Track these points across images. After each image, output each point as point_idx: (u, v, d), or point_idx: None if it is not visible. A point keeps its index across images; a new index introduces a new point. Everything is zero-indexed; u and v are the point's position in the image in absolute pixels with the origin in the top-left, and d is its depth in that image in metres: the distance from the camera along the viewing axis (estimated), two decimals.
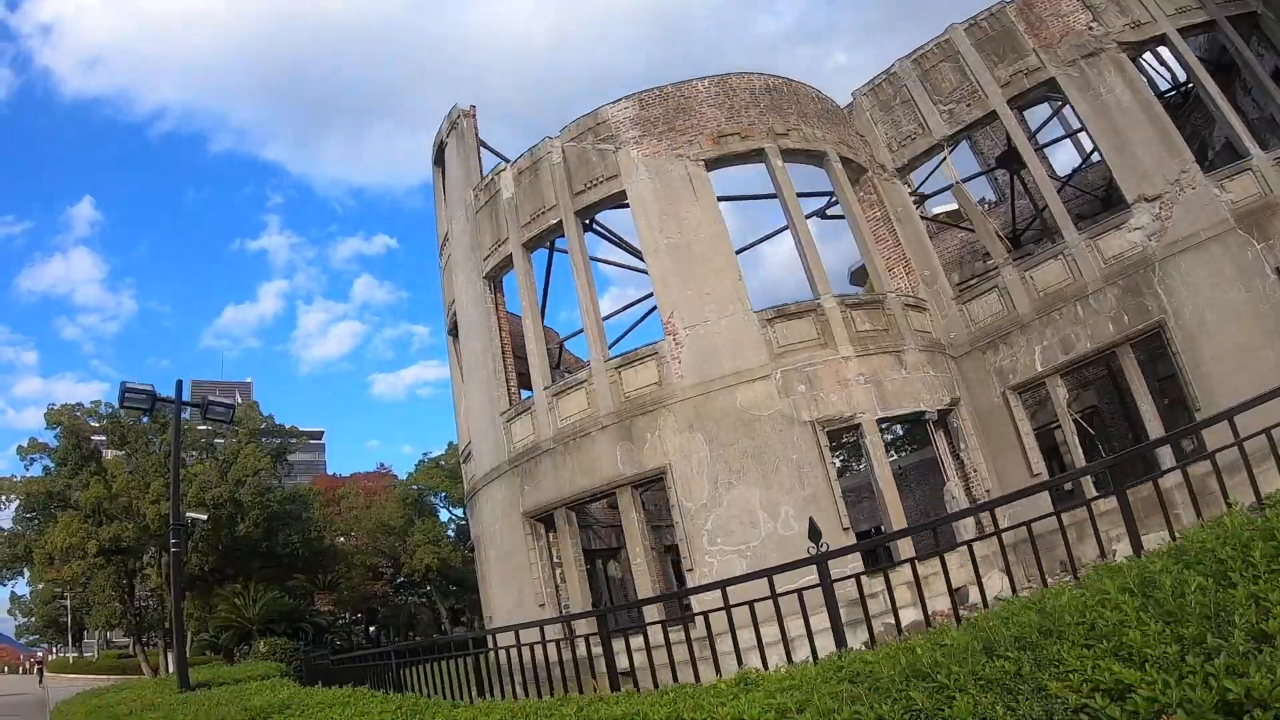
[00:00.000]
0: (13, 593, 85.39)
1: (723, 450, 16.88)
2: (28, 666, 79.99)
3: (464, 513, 52.41)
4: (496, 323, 20.65)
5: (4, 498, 40.40)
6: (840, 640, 7.45)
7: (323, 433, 47.82)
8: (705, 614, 8.89)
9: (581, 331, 26.63)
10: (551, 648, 10.85)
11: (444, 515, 56.76)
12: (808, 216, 24.58)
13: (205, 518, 18.30)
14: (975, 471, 18.86)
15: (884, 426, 18.95)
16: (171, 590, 14.51)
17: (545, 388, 18.92)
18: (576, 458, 17.96)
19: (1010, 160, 25.05)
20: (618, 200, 19.50)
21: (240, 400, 43.16)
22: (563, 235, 20.04)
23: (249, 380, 47.09)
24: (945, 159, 22.33)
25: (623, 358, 18.24)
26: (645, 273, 25.30)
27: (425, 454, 57.22)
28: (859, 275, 32.42)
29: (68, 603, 73.49)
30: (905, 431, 37.64)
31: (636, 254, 24.83)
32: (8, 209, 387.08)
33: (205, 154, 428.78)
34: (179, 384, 15.64)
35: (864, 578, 8.06)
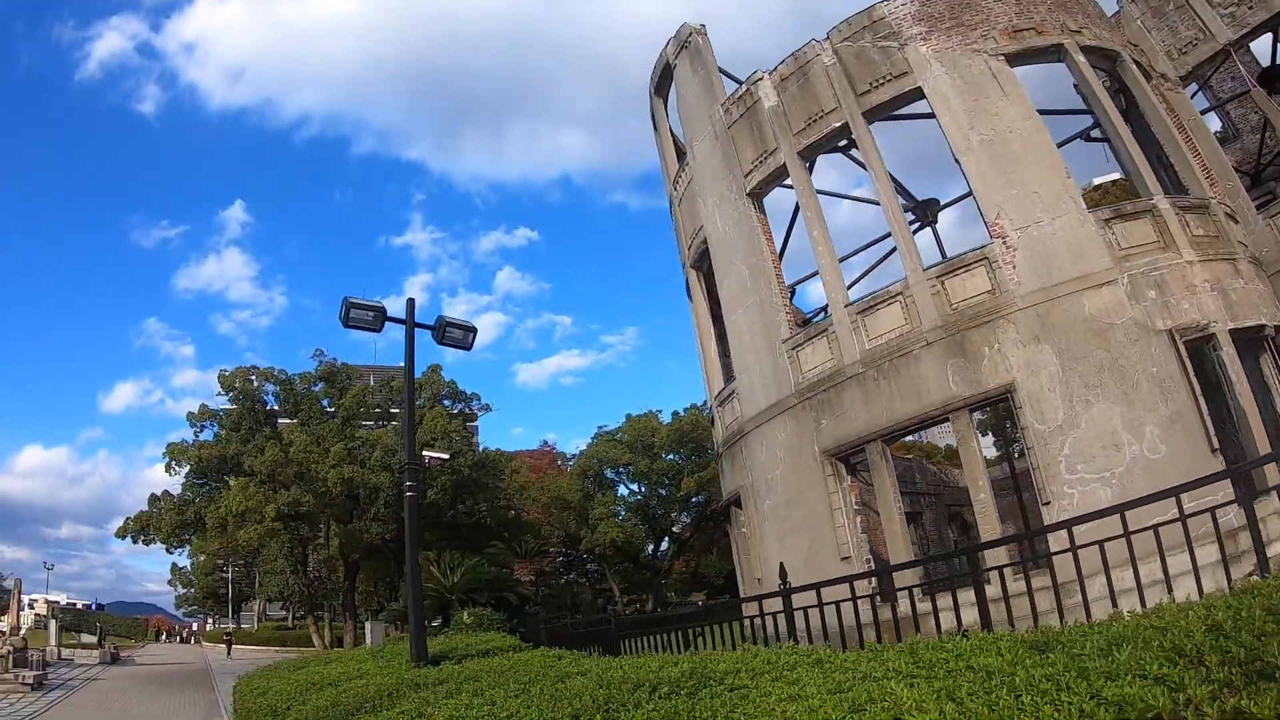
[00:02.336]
0: (174, 564, 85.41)
1: (1075, 364, 13.86)
2: (184, 636, 78.92)
3: (639, 487, 48.98)
4: (765, 242, 17.34)
5: (175, 464, 37.12)
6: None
7: (482, 409, 43.41)
8: (1050, 555, 7.82)
9: (811, 277, 23.01)
10: (864, 608, 9.10)
11: (621, 490, 53.42)
12: (1070, 140, 20.97)
13: (447, 456, 14.71)
14: None
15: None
16: (407, 541, 11.78)
17: (846, 305, 15.42)
18: (893, 382, 14.67)
19: (1273, 79, 20.88)
20: (910, 99, 16.88)
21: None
22: (845, 139, 16.80)
23: (400, 365, 44.04)
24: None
25: (945, 265, 15.44)
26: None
27: (600, 427, 53.64)
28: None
29: (229, 574, 71.64)
30: None
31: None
32: (163, 214, 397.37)
33: (349, 156, 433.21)
34: (410, 303, 12.34)
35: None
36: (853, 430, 15.24)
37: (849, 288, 17.65)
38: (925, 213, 22.49)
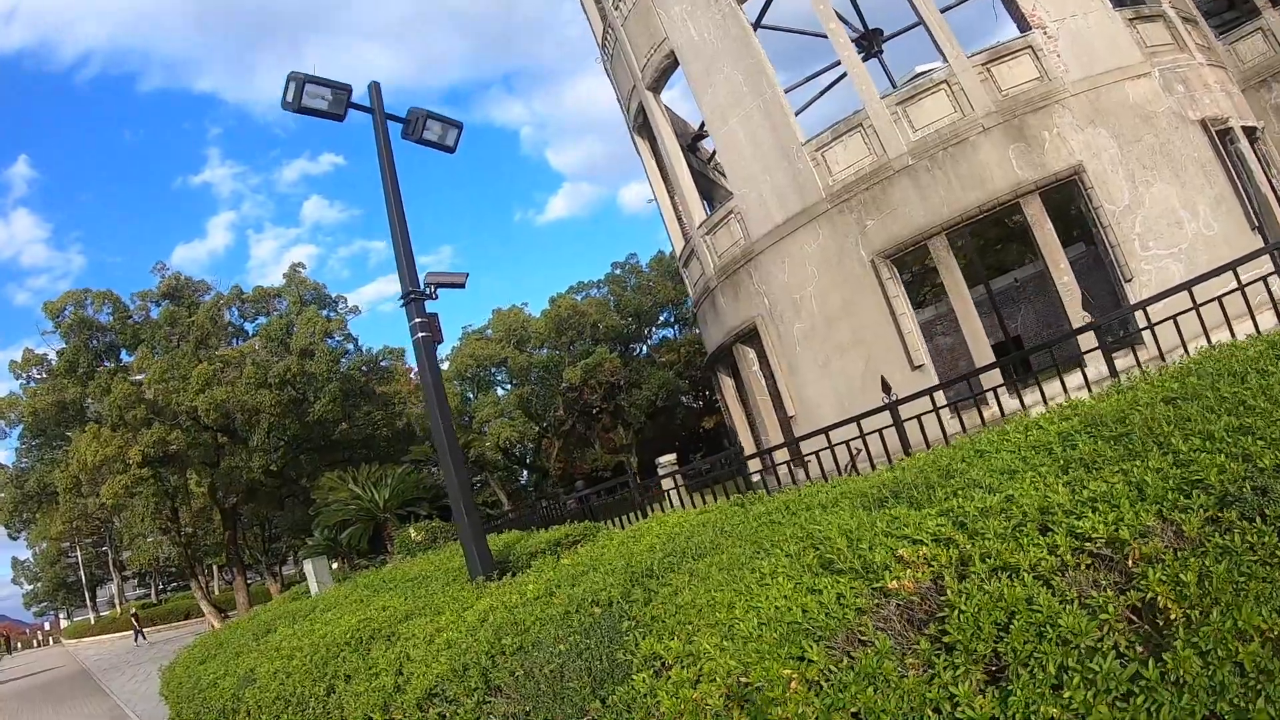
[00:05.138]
0: (14, 558, 78.29)
1: (1131, 147, 13.47)
2: (41, 639, 68.89)
3: (512, 385, 44.91)
4: (758, 43, 16.05)
5: (2, 424, 30.19)
6: None
7: (350, 311, 38.30)
8: (1139, 331, 8.73)
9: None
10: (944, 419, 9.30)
11: (498, 391, 49.91)
12: None
13: (464, 277, 10.55)
14: None
15: None
16: (433, 405, 8.15)
17: (882, 96, 13.84)
18: (950, 172, 13.54)
19: None
20: None
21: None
22: None
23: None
24: None
25: (989, 52, 14.64)
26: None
27: (465, 326, 49.45)
28: None
29: (77, 557, 63.80)
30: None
31: None
32: None
33: (136, 94, 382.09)
34: (376, 86, 9.02)
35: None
36: (909, 227, 13.88)
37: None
38: (870, 43, 21.34)
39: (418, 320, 8.25)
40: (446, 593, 7.43)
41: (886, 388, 9.81)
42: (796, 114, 16.64)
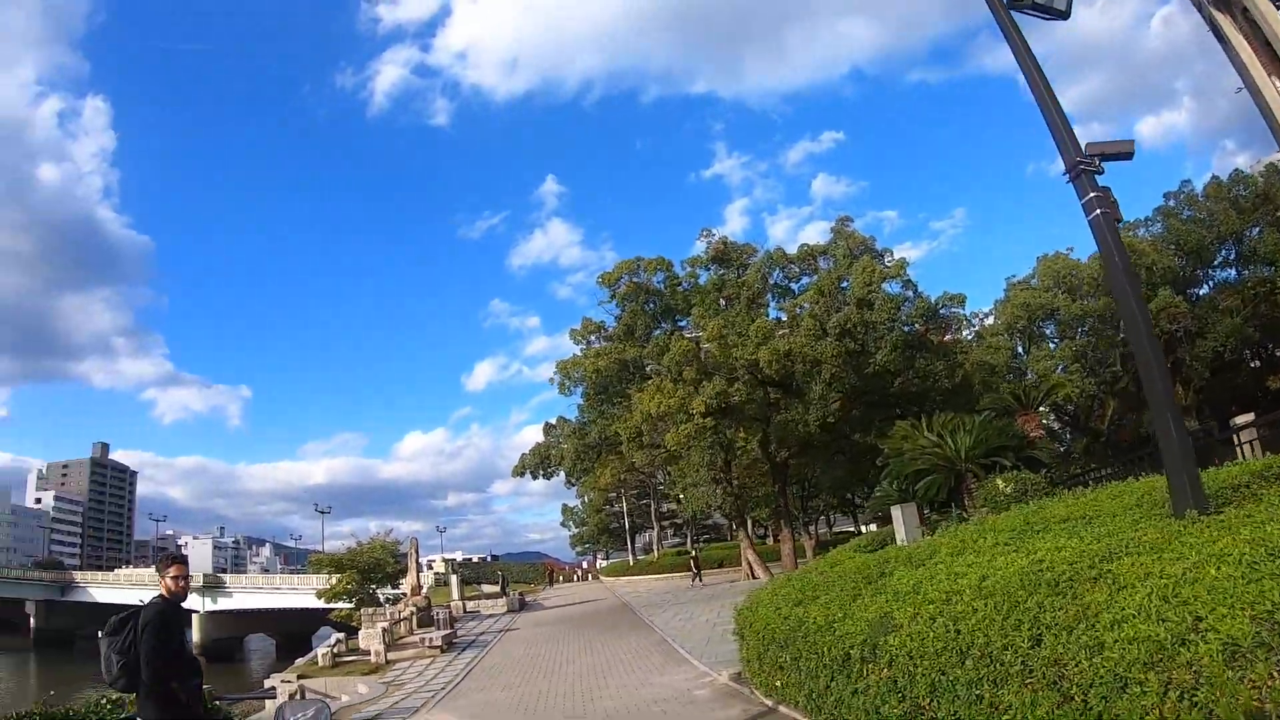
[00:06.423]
0: (564, 505, 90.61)
1: None
2: (581, 574, 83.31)
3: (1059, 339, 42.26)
4: None
5: (567, 383, 34.32)
6: None
7: (897, 264, 38.89)
8: None
9: None
10: None
11: (1049, 345, 46.82)
12: None
13: (1131, 144, 8.61)
14: None
15: None
16: (1132, 309, 7.09)
17: None
18: None
19: None
20: None
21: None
22: None
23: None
24: None
25: None
26: None
27: (1009, 277, 48.45)
28: None
29: (622, 507, 74.54)
30: None
31: None
32: (485, 206, 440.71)
33: (639, 106, 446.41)
34: None
35: None
36: None
37: None
38: None
39: (1092, 195, 7.28)
40: (1143, 530, 6.42)
41: None
42: None
